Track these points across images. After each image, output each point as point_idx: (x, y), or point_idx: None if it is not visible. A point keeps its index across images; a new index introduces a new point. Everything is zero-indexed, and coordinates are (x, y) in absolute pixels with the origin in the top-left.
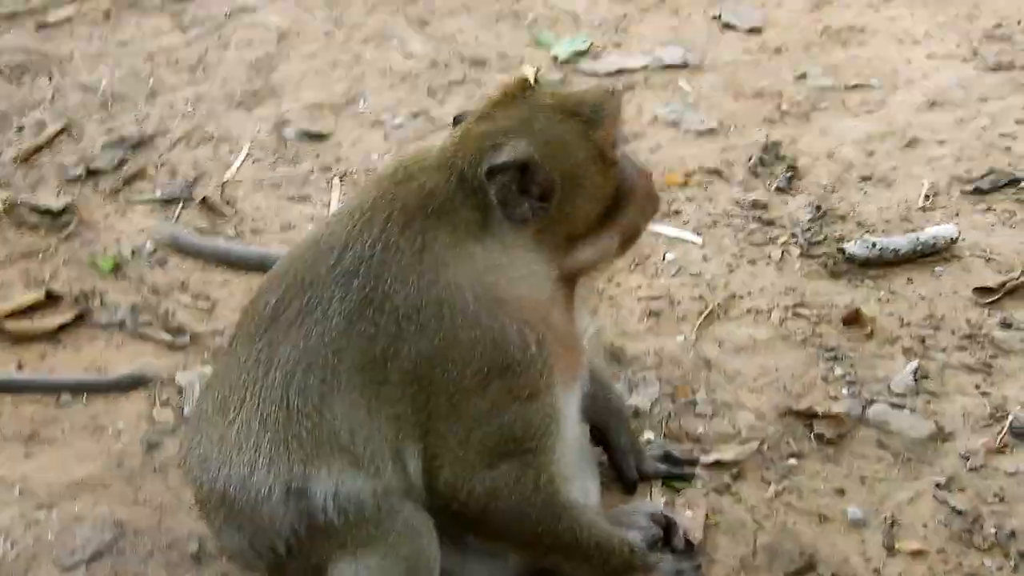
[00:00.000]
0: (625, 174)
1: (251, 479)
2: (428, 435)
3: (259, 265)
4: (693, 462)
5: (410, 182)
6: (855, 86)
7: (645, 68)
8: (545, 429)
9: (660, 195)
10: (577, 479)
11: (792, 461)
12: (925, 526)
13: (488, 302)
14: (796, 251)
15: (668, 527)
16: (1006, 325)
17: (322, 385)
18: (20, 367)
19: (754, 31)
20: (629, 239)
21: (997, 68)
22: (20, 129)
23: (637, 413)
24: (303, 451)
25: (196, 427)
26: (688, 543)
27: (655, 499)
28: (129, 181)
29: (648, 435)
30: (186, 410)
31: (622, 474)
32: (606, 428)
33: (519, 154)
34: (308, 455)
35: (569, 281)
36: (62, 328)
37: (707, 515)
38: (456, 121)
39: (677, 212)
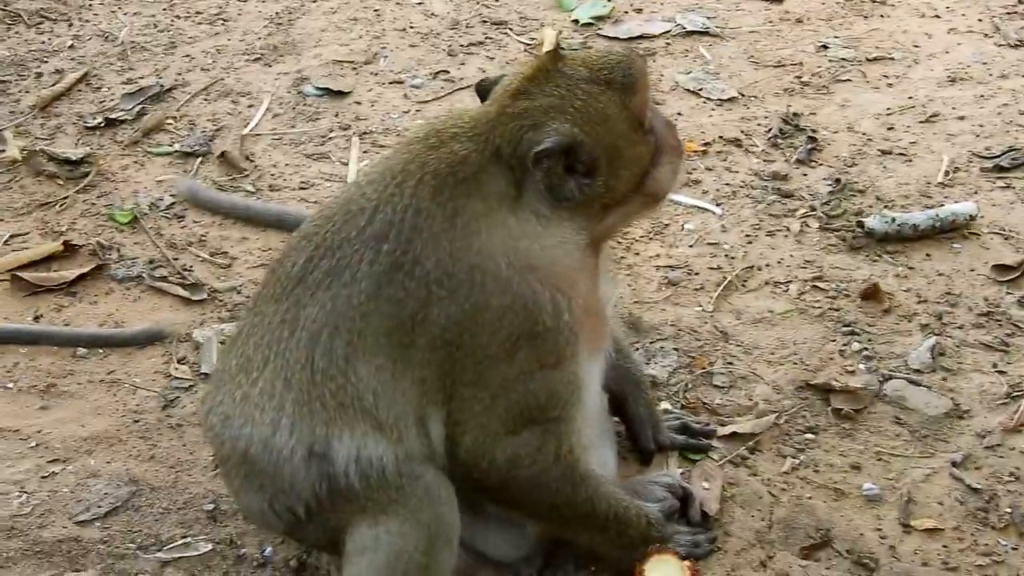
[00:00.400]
0: (658, 135)
1: (273, 439)
2: (452, 401)
3: (277, 223)
4: (709, 434)
5: (441, 148)
6: (876, 59)
7: (666, 34)
8: (568, 398)
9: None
10: (595, 449)
11: (809, 435)
12: (941, 503)
13: (521, 269)
14: (815, 224)
15: (685, 498)
16: None
17: (348, 348)
18: (37, 318)
19: (776, 0)
20: (661, 195)
21: (1018, 45)
22: (39, 76)
23: (654, 383)
24: (326, 413)
25: (218, 385)
26: (704, 515)
27: (672, 470)
28: (148, 133)
29: (665, 405)
30: (203, 367)
31: (639, 445)
32: (624, 398)
33: (564, 138)
34: (331, 417)
35: (596, 246)
36: (79, 280)
37: (723, 487)
38: (480, 88)
39: (696, 182)
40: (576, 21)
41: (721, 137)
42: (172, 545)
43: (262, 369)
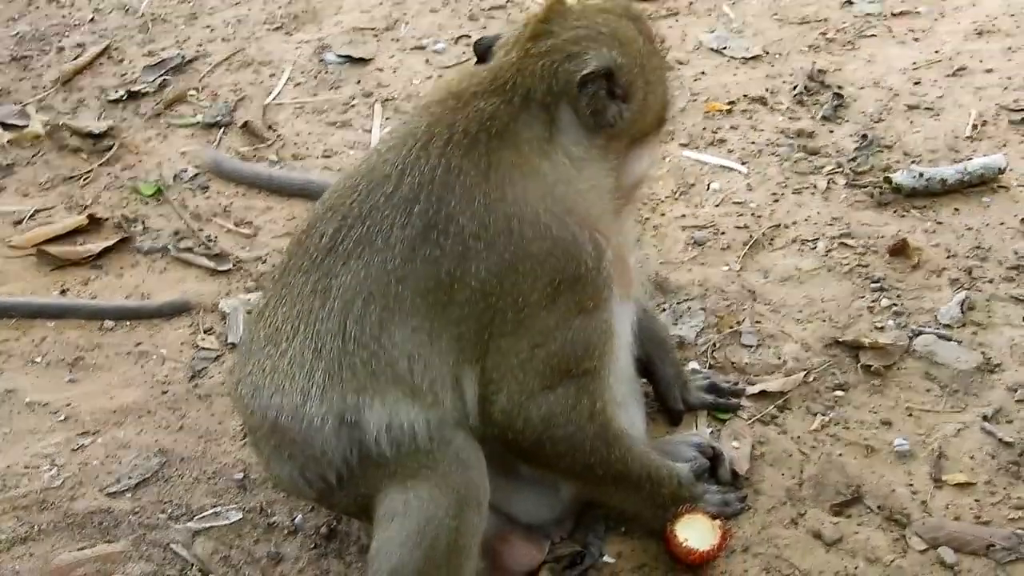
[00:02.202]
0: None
1: (303, 407)
2: (488, 356)
3: (301, 191)
4: (738, 393)
5: (466, 107)
6: (901, 13)
7: None
8: (603, 347)
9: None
10: (625, 408)
11: (838, 392)
12: (972, 458)
13: (559, 213)
14: (842, 181)
15: (714, 458)
16: None
17: (383, 313)
18: (63, 292)
19: None
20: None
21: None
22: (60, 51)
23: (682, 343)
24: (357, 381)
25: (247, 356)
26: (734, 474)
27: (701, 430)
28: (170, 104)
29: (693, 365)
30: (230, 337)
31: (667, 405)
32: (650, 359)
33: (605, 61)
34: (362, 385)
35: (623, 195)
36: (104, 253)
37: (753, 446)
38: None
39: (722, 141)
40: None
41: (746, 95)
42: (203, 514)
43: (291, 339)
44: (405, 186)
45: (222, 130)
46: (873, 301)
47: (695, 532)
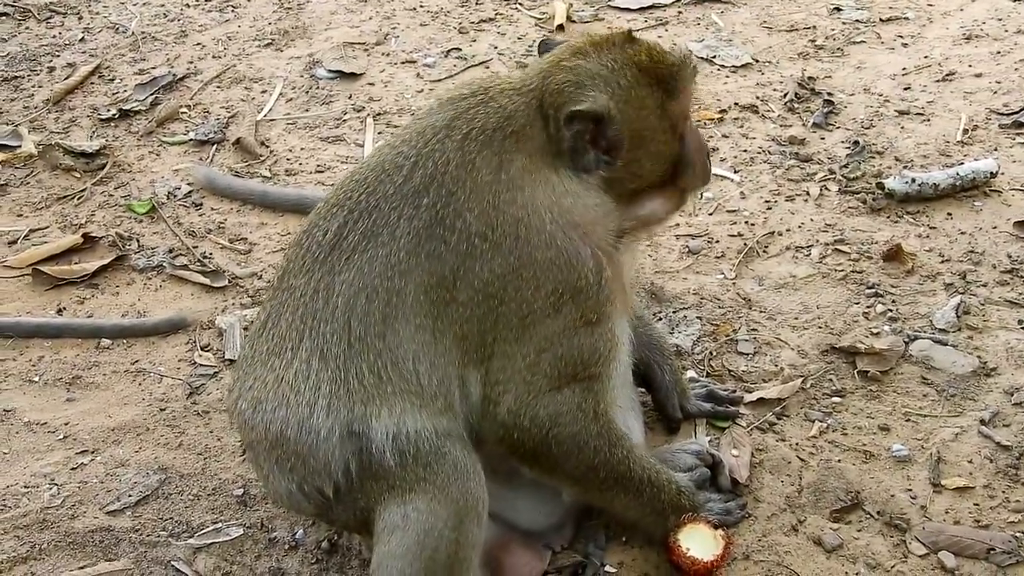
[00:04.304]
0: (687, 147)
1: (310, 420)
2: (492, 359)
3: (295, 207)
4: (736, 401)
5: (490, 103)
6: (890, 19)
7: (678, 3)
8: (607, 354)
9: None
10: (624, 413)
11: (835, 399)
12: (971, 462)
13: (564, 225)
14: (834, 187)
15: (714, 466)
16: None
17: (386, 308)
18: (60, 311)
19: None
20: (676, 205)
21: None
22: (51, 71)
23: (679, 352)
24: (365, 390)
25: (248, 371)
26: (734, 482)
27: (700, 438)
28: (162, 122)
29: (691, 374)
30: (227, 353)
31: (665, 413)
32: (649, 366)
33: (598, 106)
34: (370, 394)
35: (629, 227)
36: (100, 272)
37: (752, 453)
38: (542, 46)
39: (714, 149)
40: None
41: (737, 104)
42: (204, 531)
43: (296, 348)
44: (417, 177)
45: (214, 147)
46: (868, 307)
47: (698, 542)
